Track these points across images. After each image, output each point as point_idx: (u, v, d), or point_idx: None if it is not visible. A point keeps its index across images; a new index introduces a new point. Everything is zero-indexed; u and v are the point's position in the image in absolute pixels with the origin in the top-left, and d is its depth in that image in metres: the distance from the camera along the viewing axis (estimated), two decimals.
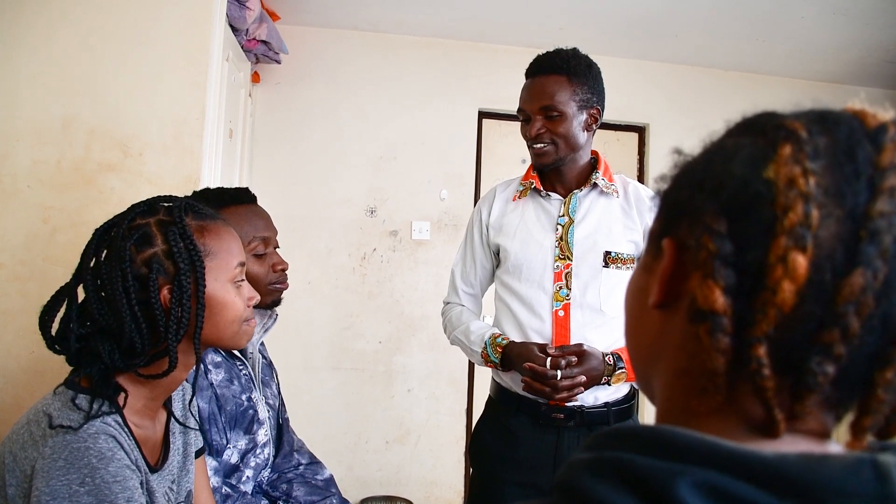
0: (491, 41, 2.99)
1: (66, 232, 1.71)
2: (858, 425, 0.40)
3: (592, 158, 1.54)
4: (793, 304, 0.37)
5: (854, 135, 0.40)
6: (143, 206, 0.92)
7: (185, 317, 0.88)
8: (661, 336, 0.45)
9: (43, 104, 1.74)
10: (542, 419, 1.40)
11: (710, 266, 0.39)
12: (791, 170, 0.38)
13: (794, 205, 0.37)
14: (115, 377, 0.88)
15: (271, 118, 2.89)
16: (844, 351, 0.37)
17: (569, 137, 1.43)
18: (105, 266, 0.87)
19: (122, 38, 1.78)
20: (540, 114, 1.43)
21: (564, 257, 1.44)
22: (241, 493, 1.26)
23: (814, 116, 0.42)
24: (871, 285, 0.36)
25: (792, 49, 2.95)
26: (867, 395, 0.39)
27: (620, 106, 3.17)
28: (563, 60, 1.42)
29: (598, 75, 1.47)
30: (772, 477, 0.34)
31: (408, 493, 2.85)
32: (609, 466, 0.38)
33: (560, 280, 1.43)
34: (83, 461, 0.78)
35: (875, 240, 0.36)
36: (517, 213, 1.53)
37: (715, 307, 0.39)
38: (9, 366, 1.68)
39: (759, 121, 0.44)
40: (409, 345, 2.95)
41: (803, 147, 0.39)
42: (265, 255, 1.32)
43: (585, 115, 1.44)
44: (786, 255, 0.37)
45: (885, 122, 0.40)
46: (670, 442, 0.37)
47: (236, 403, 1.28)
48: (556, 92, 1.41)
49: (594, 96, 1.44)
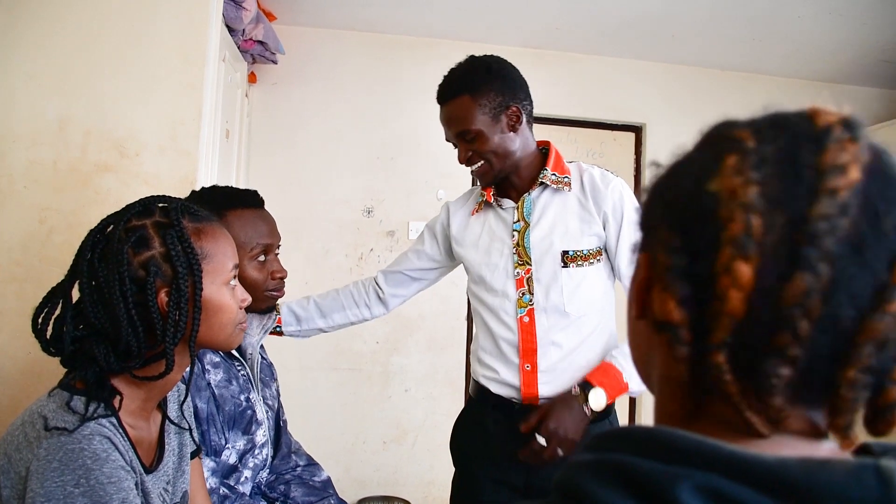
0: (488, 41, 2.98)
1: (63, 233, 1.71)
2: (834, 425, 0.40)
3: (542, 149, 1.50)
4: (743, 310, 0.38)
5: (798, 138, 0.40)
6: (139, 206, 0.91)
7: (183, 320, 0.88)
8: (650, 342, 0.47)
9: (39, 105, 1.74)
10: (515, 418, 1.39)
11: (665, 278, 0.41)
12: (732, 181, 0.39)
13: (735, 215, 0.38)
14: (110, 379, 0.88)
15: (268, 119, 2.89)
16: (799, 352, 0.37)
17: (497, 150, 1.39)
18: (102, 268, 0.86)
19: (118, 38, 1.77)
20: (460, 139, 1.41)
21: (523, 262, 1.42)
22: (239, 494, 1.26)
23: (766, 122, 0.42)
24: (814, 288, 0.36)
25: (789, 49, 2.96)
26: (833, 394, 0.39)
27: (617, 106, 3.18)
28: (459, 79, 1.40)
29: (503, 73, 1.42)
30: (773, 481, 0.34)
31: (405, 493, 2.85)
32: (610, 469, 0.38)
33: (522, 286, 1.42)
34: (78, 462, 0.78)
35: (815, 242, 0.37)
36: (478, 224, 1.51)
37: (670, 318, 0.40)
38: (5, 367, 1.68)
39: (714, 132, 0.45)
40: (407, 345, 2.95)
41: (747, 157, 0.40)
42: (265, 261, 1.32)
43: (504, 119, 1.39)
44: (730, 265, 0.38)
45: (831, 123, 0.40)
46: (671, 445, 0.37)
47: (235, 404, 1.28)
48: (464, 114, 1.37)
49: (505, 96, 1.39)
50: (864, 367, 0.38)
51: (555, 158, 1.46)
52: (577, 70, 3.14)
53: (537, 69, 3.10)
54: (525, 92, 1.44)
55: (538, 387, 1.39)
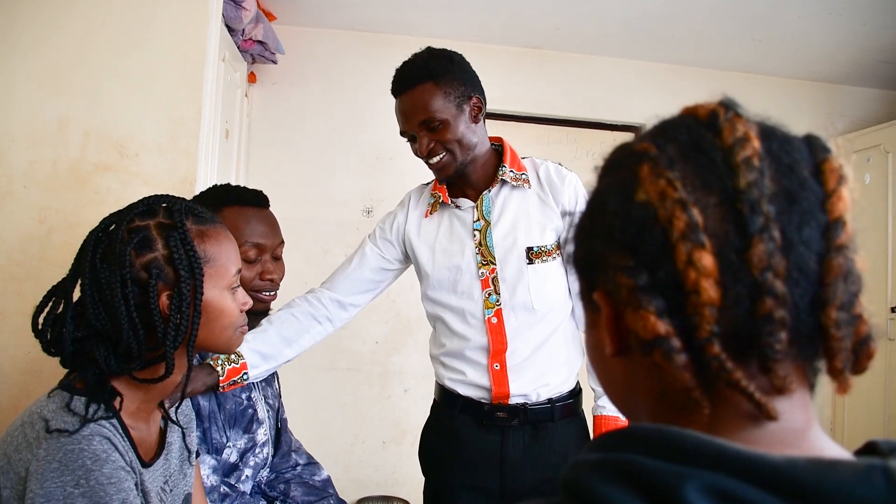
0: (487, 41, 2.99)
1: (63, 233, 1.71)
2: (833, 370, 0.41)
3: (496, 146, 1.47)
4: (719, 295, 0.39)
5: (693, 131, 0.43)
6: (142, 206, 0.90)
7: (184, 323, 0.87)
8: (630, 378, 0.47)
9: (38, 105, 1.74)
10: (485, 419, 1.37)
11: (635, 299, 0.41)
12: (657, 185, 0.41)
13: (674, 213, 0.40)
14: (110, 380, 0.87)
15: (268, 119, 2.89)
16: (784, 313, 0.38)
17: (462, 140, 1.36)
18: (104, 269, 0.85)
19: (118, 38, 1.77)
20: (423, 129, 1.36)
21: (487, 262, 1.39)
22: (239, 492, 1.26)
23: (656, 131, 0.45)
24: (773, 247, 0.38)
25: (788, 49, 2.96)
26: (825, 339, 0.40)
27: (616, 106, 3.18)
28: (422, 67, 1.35)
29: (463, 64, 1.40)
30: (780, 481, 0.35)
31: (404, 493, 2.85)
32: (617, 468, 0.38)
33: (488, 286, 1.39)
34: (77, 463, 0.78)
35: (755, 208, 0.39)
36: (432, 227, 1.47)
37: (658, 332, 0.40)
38: (5, 367, 1.68)
39: (614, 157, 0.48)
40: (406, 345, 2.95)
41: (658, 161, 0.42)
42: (256, 261, 1.30)
43: (467, 108, 1.37)
44: (690, 258, 0.39)
45: (713, 109, 0.44)
46: (678, 444, 0.37)
47: (236, 402, 1.28)
48: (429, 101, 1.33)
49: (467, 86, 1.37)
50: (841, 303, 0.40)
51: (511, 155, 1.44)
52: (576, 70, 3.14)
53: (537, 69, 3.10)
54: (481, 87, 1.42)
55: (509, 385, 1.37)
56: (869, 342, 0.41)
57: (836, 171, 0.42)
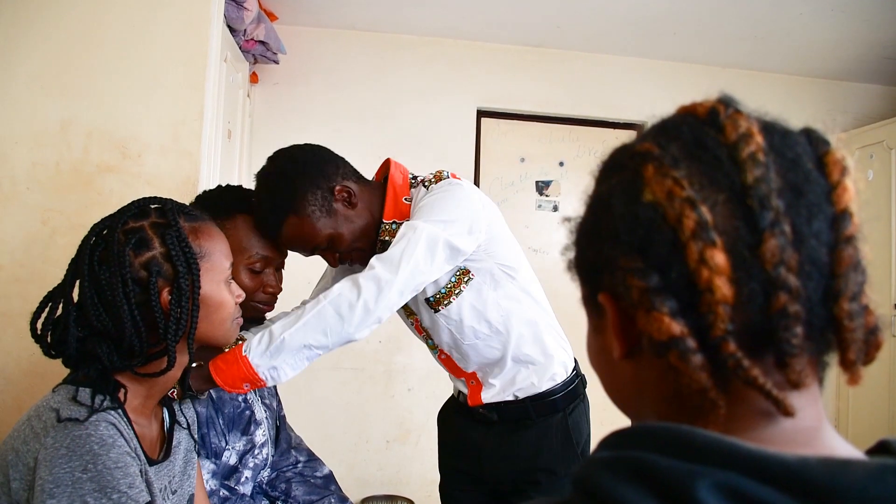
0: (489, 40, 2.99)
1: (66, 234, 1.71)
2: (846, 361, 0.41)
3: (380, 190, 1.36)
4: (733, 292, 0.39)
5: (695, 129, 0.43)
6: (134, 208, 0.93)
7: (184, 317, 0.90)
8: (637, 381, 0.47)
9: (41, 106, 1.74)
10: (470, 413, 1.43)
11: (647, 300, 0.41)
12: (663, 185, 0.41)
13: (683, 212, 0.40)
14: (113, 376, 0.89)
15: (270, 118, 2.89)
16: (798, 307, 0.38)
17: (356, 234, 1.29)
18: (103, 271, 0.87)
19: (120, 39, 1.78)
20: (318, 252, 1.31)
21: (410, 313, 1.41)
22: (239, 495, 1.26)
23: (656, 131, 0.45)
24: (784, 241, 0.38)
25: (790, 46, 2.95)
26: (838, 331, 0.40)
27: (618, 104, 3.18)
28: (270, 208, 1.25)
29: (300, 164, 1.29)
30: (793, 480, 0.34)
31: (408, 492, 2.86)
32: (629, 466, 0.38)
33: (421, 332, 1.42)
34: (85, 448, 0.79)
35: (765, 202, 0.39)
36: None
37: (672, 333, 0.40)
38: (8, 368, 1.68)
39: (614, 159, 0.48)
40: (409, 344, 2.95)
41: (662, 161, 0.42)
42: (260, 273, 1.29)
43: (339, 206, 1.28)
44: (702, 256, 0.39)
45: (713, 107, 0.44)
46: (690, 442, 0.37)
47: (233, 405, 1.28)
48: (303, 233, 1.25)
49: (321, 186, 1.26)
50: (852, 294, 0.40)
51: (392, 201, 1.33)
52: (578, 68, 3.13)
53: (538, 67, 3.10)
54: (333, 162, 1.33)
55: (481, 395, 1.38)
56: (877, 332, 0.41)
57: (839, 163, 0.42)
